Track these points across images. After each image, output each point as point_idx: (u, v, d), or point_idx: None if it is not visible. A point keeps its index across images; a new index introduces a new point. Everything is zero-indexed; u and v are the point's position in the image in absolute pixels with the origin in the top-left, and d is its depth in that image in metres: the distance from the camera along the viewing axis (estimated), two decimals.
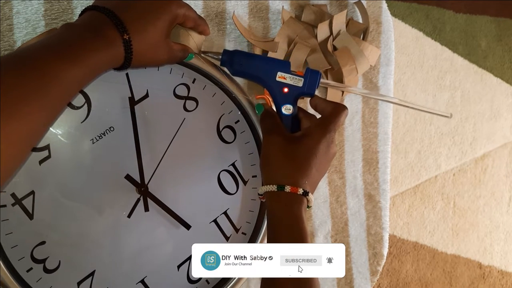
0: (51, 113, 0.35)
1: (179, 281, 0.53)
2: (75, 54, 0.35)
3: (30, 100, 0.32)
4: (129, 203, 0.50)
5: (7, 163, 0.31)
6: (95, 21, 0.38)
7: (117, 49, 0.38)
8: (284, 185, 0.44)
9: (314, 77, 0.49)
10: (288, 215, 0.44)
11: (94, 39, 0.37)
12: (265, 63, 0.50)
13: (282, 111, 0.50)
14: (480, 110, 1.41)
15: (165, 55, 0.44)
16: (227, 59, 0.49)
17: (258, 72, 0.49)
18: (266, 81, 0.49)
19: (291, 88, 0.49)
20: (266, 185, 0.45)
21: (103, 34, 0.37)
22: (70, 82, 0.35)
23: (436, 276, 1.37)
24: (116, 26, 0.38)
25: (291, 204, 0.44)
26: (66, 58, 0.35)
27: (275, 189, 0.44)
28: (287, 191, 0.44)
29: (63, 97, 0.35)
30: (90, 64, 0.36)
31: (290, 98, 0.49)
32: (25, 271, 0.47)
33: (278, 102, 0.50)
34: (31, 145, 0.34)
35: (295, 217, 0.44)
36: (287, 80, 0.49)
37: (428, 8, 1.34)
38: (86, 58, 0.36)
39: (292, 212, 0.44)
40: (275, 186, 0.45)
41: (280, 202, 0.45)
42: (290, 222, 0.44)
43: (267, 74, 0.49)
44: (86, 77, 0.37)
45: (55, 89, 0.34)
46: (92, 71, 0.37)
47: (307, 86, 0.49)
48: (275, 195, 0.45)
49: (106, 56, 0.37)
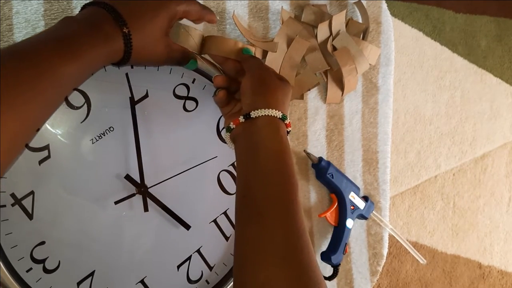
0: (46, 108, 0.35)
1: (178, 281, 0.53)
2: (73, 49, 0.35)
3: (25, 95, 0.32)
4: (129, 203, 0.50)
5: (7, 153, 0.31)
6: (94, 16, 0.38)
7: (116, 43, 0.38)
8: (287, 116, 0.45)
9: (372, 206, 0.66)
10: (279, 139, 0.44)
11: (93, 33, 0.37)
12: (346, 180, 0.63)
13: (346, 224, 0.62)
14: (480, 110, 1.41)
15: (164, 53, 0.44)
16: (324, 165, 0.62)
17: (340, 186, 0.63)
18: (342, 195, 0.63)
19: (356, 207, 0.64)
20: (269, 110, 0.44)
21: (102, 28, 0.37)
22: (67, 76, 0.35)
23: (436, 276, 1.37)
24: (116, 20, 0.38)
25: (283, 132, 0.45)
26: (63, 53, 0.34)
27: (279, 116, 0.44)
28: (286, 122, 0.45)
29: (60, 91, 0.35)
30: (88, 58, 0.36)
31: (353, 215, 0.63)
32: (25, 271, 0.47)
33: (344, 215, 0.63)
34: (24, 140, 0.34)
35: (285, 144, 0.44)
36: (355, 200, 0.64)
37: (428, 8, 1.34)
38: (84, 52, 0.36)
39: (283, 139, 0.44)
40: (280, 113, 0.44)
41: (272, 127, 0.44)
42: (280, 147, 0.43)
43: (345, 190, 0.63)
44: (84, 71, 0.37)
45: (51, 83, 0.33)
46: (90, 65, 0.37)
47: (366, 210, 0.65)
48: (272, 121, 0.44)
49: (104, 51, 0.37)
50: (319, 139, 0.64)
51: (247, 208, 0.40)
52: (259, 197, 0.40)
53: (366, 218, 0.66)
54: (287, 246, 0.36)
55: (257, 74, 0.47)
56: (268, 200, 0.39)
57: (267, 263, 0.35)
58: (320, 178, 0.63)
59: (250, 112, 0.44)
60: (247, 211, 0.40)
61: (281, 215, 0.38)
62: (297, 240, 0.37)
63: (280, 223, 0.38)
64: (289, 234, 0.37)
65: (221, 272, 0.55)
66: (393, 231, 0.68)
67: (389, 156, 0.68)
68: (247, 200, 0.40)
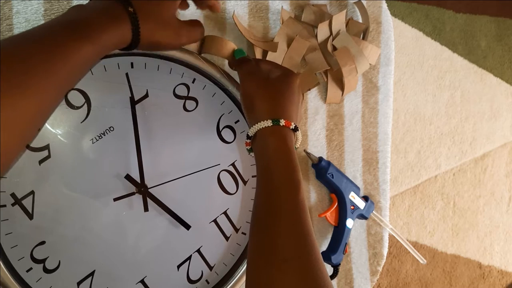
0: (59, 92, 0.35)
1: (179, 281, 0.53)
2: (85, 32, 0.36)
3: (40, 77, 0.32)
4: (129, 203, 0.50)
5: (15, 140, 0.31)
6: (102, 2, 0.39)
7: (124, 25, 0.38)
8: (279, 118, 0.45)
9: (372, 206, 0.65)
10: (283, 149, 0.44)
11: (102, 16, 0.37)
12: (346, 180, 0.63)
13: (346, 224, 0.62)
14: (480, 110, 1.41)
15: (176, 34, 0.43)
16: (324, 165, 0.62)
17: (340, 185, 0.62)
18: (342, 195, 0.62)
19: (356, 207, 0.63)
20: (259, 122, 0.45)
21: (110, 11, 0.38)
22: (80, 59, 0.35)
23: (436, 276, 1.37)
24: (121, 2, 0.38)
25: (284, 137, 0.45)
26: (76, 36, 0.35)
27: (270, 124, 0.44)
28: (281, 124, 0.45)
29: (73, 75, 0.36)
30: (99, 42, 0.36)
31: (353, 215, 0.63)
32: (25, 271, 0.47)
33: (344, 215, 0.62)
34: (38, 124, 0.34)
35: (289, 150, 0.44)
36: (355, 200, 0.63)
37: (428, 8, 1.34)
38: (95, 36, 0.36)
39: (286, 145, 0.44)
40: (270, 121, 0.45)
41: (274, 136, 0.45)
42: (285, 156, 0.44)
43: (345, 190, 0.63)
44: (95, 55, 0.37)
45: (65, 66, 0.34)
46: (101, 49, 0.37)
47: (366, 210, 0.64)
48: (269, 130, 0.45)
49: (114, 33, 0.38)
50: (319, 139, 0.65)
51: (261, 214, 0.42)
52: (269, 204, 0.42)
53: (366, 218, 0.66)
54: (296, 248, 0.38)
55: (246, 88, 0.48)
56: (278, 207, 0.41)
57: (278, 264, 0.37)
58: (320, 178, 0.63)
59: (248, 132, 0.47)
60: (261, 217, 0.42)
61: (291, 220, 0.40)
62: (305, 241, 0.39)
63: (290, 227, 0.40)
64: (298, 237, 0.39)
65: (221, 272, 0.55)
66: (393, 231, 0.68)
67: (389, 156, 0.68)
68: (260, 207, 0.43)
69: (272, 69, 0.50)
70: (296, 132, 0.47)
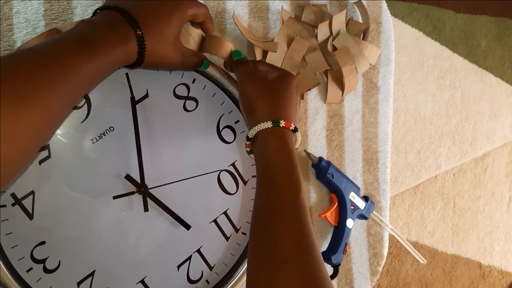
0: (68, 104, 0.36)
1: (179, 281, 0.53)
2: (94, 48, 0.36)
3: (50, 89, 0.32)
4: (129, 203, 0.50)
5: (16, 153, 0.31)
6: (110, 19, 0.39)
7: (131, 45, 0.39)
8: (279, 120, 0.45)
9: (372, 206, 0.65)
10: (283, 149, 0.44)
11: (110, 34, 0.38)
12: (346, 180, 0.63)
13: (346, 224, 0.62)
14: (480, 110, 1.41)
15: (178, 57, 0.44)
16: (325, 165, 0.62)
17: (340, 185, 0.62)
18: (342, 195, 0.62)
19: (356, 207, 0.63)
20: (259, 124, 0.45)
21: (118, 30, 0.38)
22: (88, 74, 0.36)
23: (436, 276, 1.37)
24: (130, 23, 0.39)
25: (285, 138, 0.45)
26: (85, 51, 0.35)
27: (270, 125, 0.45)
28: (282, 125, 0.45)
29: (81, 89, 0.36)
30: (107, 59, 0.37)
31: (353, 215, 0.63)
32: (25, 271, 0.47)
33: (344, 215, 0.62)
34: (41, 139, 0.34)
35: (290, 151, 0.44)
36: (355, 200, 0.63)
37: (428, 8, 1.34)
38: (104, 53, 0.37)
39: (287, 146, 0.44)
40: (270, 123, 0.45)
41: (274, 137, 0.45)
42: (286, 157, 0.44)
43: (345, 190, 0.63)
44: (103, 71, 0.38)
45: (73, 79, 0.34)
46: (108, 66, 0.38)
47: (366, 210, 0.64)
48: (269, 132, 0.45)
49: (121, 52, 0.38)
50: (319, 139, 0.65)
51: (261, 215, 0.42)
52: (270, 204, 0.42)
53: (366, 218, 0.66)
54: (297, 248, 0.39)
55: (245, 89, 0.48)
56: (279, 208, 0.41)
57: (279, 264, 0.37)
58: (320, 178, 0.63)
59: (248, 133, 0.47)
60: (261, 217, 0.42)
61: (292, 220, 0.41)
62: (305, 242, 0.39)
63: (291, 227, 0.40)
64: (299, 237, 0.39)
65: (221, 272, 0.55)
66: (393, 231, 0.68)
67: (389, 156, 0.68)
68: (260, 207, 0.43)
69: (269, 71, 0.50)
70: (296, 133, 0.47)
